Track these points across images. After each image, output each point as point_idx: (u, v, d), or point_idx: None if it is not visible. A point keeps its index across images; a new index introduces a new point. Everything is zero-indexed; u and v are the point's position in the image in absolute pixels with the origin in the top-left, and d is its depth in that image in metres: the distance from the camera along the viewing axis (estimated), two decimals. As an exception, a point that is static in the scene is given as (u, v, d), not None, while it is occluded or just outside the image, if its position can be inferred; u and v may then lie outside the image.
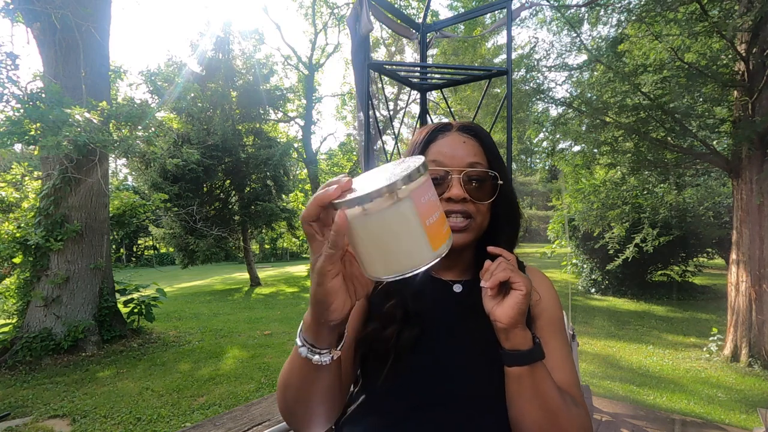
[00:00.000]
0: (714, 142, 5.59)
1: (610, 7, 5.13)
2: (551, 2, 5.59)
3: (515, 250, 0.75)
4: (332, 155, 24.50)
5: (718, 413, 3.49)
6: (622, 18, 5.18)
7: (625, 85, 4.76)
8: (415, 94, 2.74)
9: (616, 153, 5.78)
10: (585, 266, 9.56)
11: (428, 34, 2.68)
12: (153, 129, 6.18)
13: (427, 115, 2.74)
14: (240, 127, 12.27)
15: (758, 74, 4.23)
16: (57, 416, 3.55)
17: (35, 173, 6.13)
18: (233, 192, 12.56)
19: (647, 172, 6.60)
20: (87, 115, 4.72)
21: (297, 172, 19.23)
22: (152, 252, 25.58)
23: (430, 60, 5.35)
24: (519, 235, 0.78)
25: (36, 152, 5.26)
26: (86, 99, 5.00)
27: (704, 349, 5.09)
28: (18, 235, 5.07)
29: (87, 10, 5.09)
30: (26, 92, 4.80)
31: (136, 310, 6.25)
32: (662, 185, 7.63)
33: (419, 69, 2.61)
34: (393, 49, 15.26)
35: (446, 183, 0.68)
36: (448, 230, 0.46)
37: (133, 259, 24.16)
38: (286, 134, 17.39)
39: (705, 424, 2.84)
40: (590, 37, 6.16)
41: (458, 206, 0.67)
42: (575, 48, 5.47)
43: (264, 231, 13.83)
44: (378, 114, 2.52)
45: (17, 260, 5.14)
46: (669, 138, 5.21)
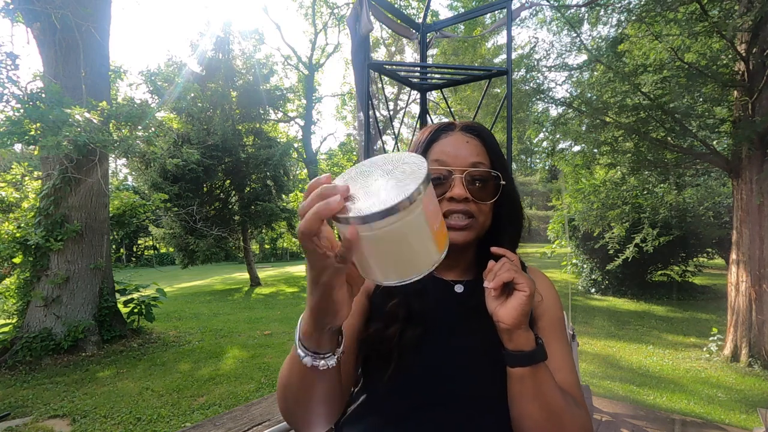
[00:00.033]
0: (714, 142, 5.59)
1: (610, 7, 5.13)
2: (551, 2, 5.59)
3: (517, 250, 0.75)
4: (332, 155, 24.54)
5: (718, 413, 3.49)
6: (622, 18, 5.18)
7: (625, 85, 4.76)
8: (415, 94, 2.74)
9: (616, 153, 5.78)
10: (585, 266, 9.56)
11: (428, 34, 2.68)
12: (153, 129, 6.19)
13: (427, 115, 2.74)
14: (240, 127, 12.27)
15: (758, 74, 4.23)
16: (57, 416, 3.55)
17: (35, 173, 6.13)
18: (233, 192, 12.56)
19: (647, 172, 6.60)
20: (87, 115, 4.72)
21: (297, 172, 19.25)
22: (152, 252, 25.59)
23: (430, 60, 5.35)
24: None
25: (36, 152, 5.26)
26: (86, 99, 5.00)
27: (704, 349, 5.09)
28: (18, 235, 5.07)
29: (87, 10, 5.09)
30: (26, 92, 4.80)
31: (136, 310, 6.25)
32: (662, 185, 7.63)
33: (419, 69, 2.61)
34: (393, 49, 15.27)
35: (448, 182, 0.68)
36: (446, 230, 0.47)
37: (133, 259, 24.17)
38: (286, 134, 17.42)
39: (705, 424, 2.84)
40: (590, 37, 6.17)
41: (460, 206, 0.67)
42: (575, 48, 5.47)
43: (264, 231, 13.83)
44: (378, 114, 2.52)
45: (17, 260, 5.14)
46: (669, 138, 5.21)
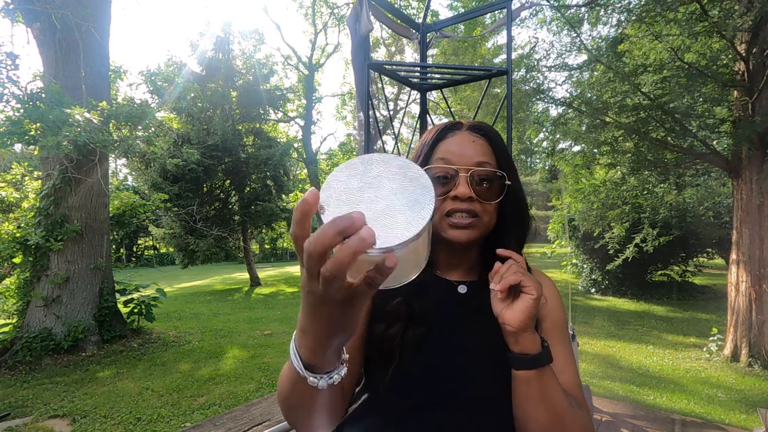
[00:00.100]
0: (714, 142, 5.59)
1: (610, 7, 5.13)
2: (551, 2, 5.59)
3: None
4: (332, 155, 24.52)
5: (718, 413, 3.49)
6: (622, 18, 5.18)
7: (625, 85, 4.76)
8: (415, 94, 2.74)
9: (616, 153, 5.78)
10: (585, 266, 9.56)
11: (428, 34, 2.68)
12: (153, 129, 6.19)
13: (427, 115, 2.74)
14: (240, 127, 12.27)
15: (758, 74, 4.23)
16: (57, 416, 3.55)
17: (35, 173, 6.13)
18: (233, 192, 12.56)
19: (647, 172, 6.60)
20: (87, 115, 4.72)
21: (297, 172, 19.25)
22: (152, 252, 25.60)
23: (430, 60, 5.35)
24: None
25: (36, 152, 5.26)
26: (86, 99, 5.00)
27: (704, 349, 5.09)
28: (18, 235, 5.07)
29: (87, 10, 5.09)
30: (26, 92, 4.80)
31: (136, 310, 6.25)
32: (662, 185, 7.63)
33: (419, 69, 2.61)
34: (393, 49, 15.27)
35: (453, 181, 0.67)
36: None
37: (133, 259, 24.17)
38: (286, 134, 17.40)
39: (705, 424, 2.84)
40: (590, 37, 6.17)
41: (464, 205, 0.67)
42: (575, 48, 5.47)
43: (264, 231, 13.83)
44: (378, 114, 2.52)
45: (17, 260, 5.14)
46: (669, 138, 5.21)
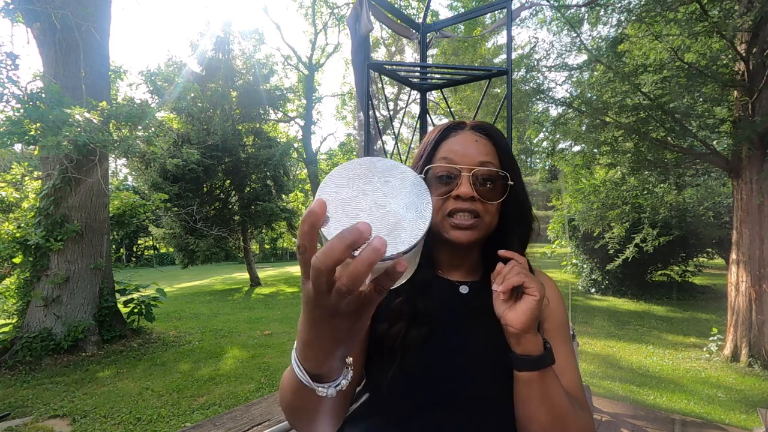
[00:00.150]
0: (714, 142, 5.59)
1: (610, 7, 5.13)
2: (551, 2, 5.60)
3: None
4: (332, 155, 24.51)
5: (718, 413, 3.49)
6: (622, 18, 5.18)
7: (625, 85, 4.76)
8: (415, 94, 2.74)
9: (616, 153, 5.78)
10: (585, 266, 9.56)
11: (428, 34, 2.68)
12: (153, 129, 6.19)
13: (427, 115, 2.74)
14: (240, 127, 12.27)
15: (758, 74, 4.23)
16: (57, 416, 3.55)
17: (35, 173, 6.13)
18: (233, 192, 12.56)
19: (647, 172, 6.60)
20: (87, 115, 4.72)
21: (297, 172, 19.25)
22: (152, 252, 25.60)
23: (430, 60, 5.35)
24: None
25: (36, 152, 5.26)
26: (86, 99, 5.00)
27: (704, 349, 5.09)
28: (18, 235, 5.07)
29: (87, 10, 5.09)
30: (26, 92, 4.80)
31: (136, 310, 6.24)
32: (662, 185, 7.63)
33: (419, 69, 2.61)
34: (393, 49, 15.27)
35: (455, 181, 0.67)
36: None
37: (133, 259, 24.17)
38: (286, 134, 17.40)
39: (705, 424, 2.84)
40: (590, 37, 6.17)
41: (466, 204, 0.66)
42: (575, 48, 5.47)
43: (264, 231, 13.83)
44: (378, 114, 2.51)
45: (17, 260, 5.14)
46: (669, 138, 5.21)
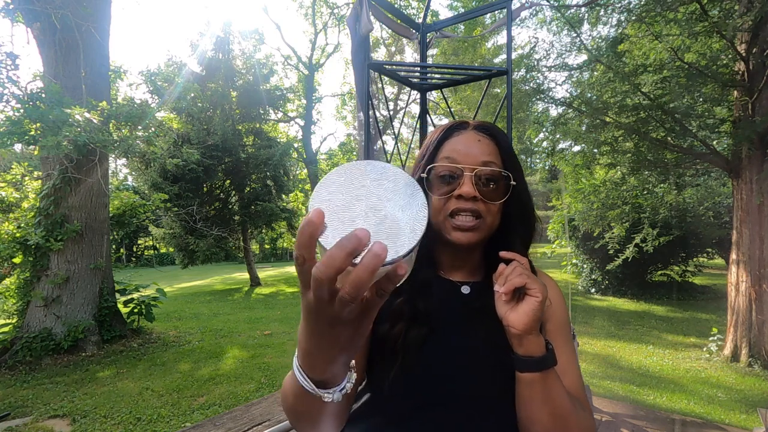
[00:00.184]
0: (714, 142, 5.59)
1: (610, 7, 5.13)
2: (551, 2, 5.59)
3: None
4: (332, 155, 24.51)
5: (718, 413, 3.49)
6: (622, 18, 5.18)
7: (625, 85, 4.76)
8: (415, 94, 2.74)
9: (616, 153, 5.78)
10: (585, 266, 9.56)
11: (428, 34, 2.68)
12: (153, 129, 6.18)
13: (427, 115, 2.74)
14: (240, 127, 12.27)
15: (758, 74, 4.23)
16: (57, 416, 3.55)
17: (35, 173, 6.13)
18: (233, 192, 12.56)
19: (647, 172, 6.60)
20: (87, 115, 4.72)
21: (297, 172, 19.25)
22: (152, 252, 25.59)
23: (430, 60, 5.35)
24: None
25: (36, 152, 5.26)
26: (86, 99, 5.00)
27: (704, 349, 5.09)
28: (18, 235, 5.07)
29: (87, 10, 5.09)
30: (26, 92, 4.79)
31: (136, 310, 6.24)
32: (662, 185, 7.63)
33: (419, 69, 2.61)
34: (393, 49, 15.26)
35: (458, 180, 0.67)
36: None
37: (133, 259, 24.17)
38: (286, 134, 17.40)
39: (705, 424, 2.84)
40: (590, 37, 6.17)
41: (468, 204, 0.66)
42: (575, 48, 5.47)
43: (264, 231, 13.83)
44: (378, 114, 2.52)
45: (17, 260, 5.14)
46: (669, 138, 5.21)
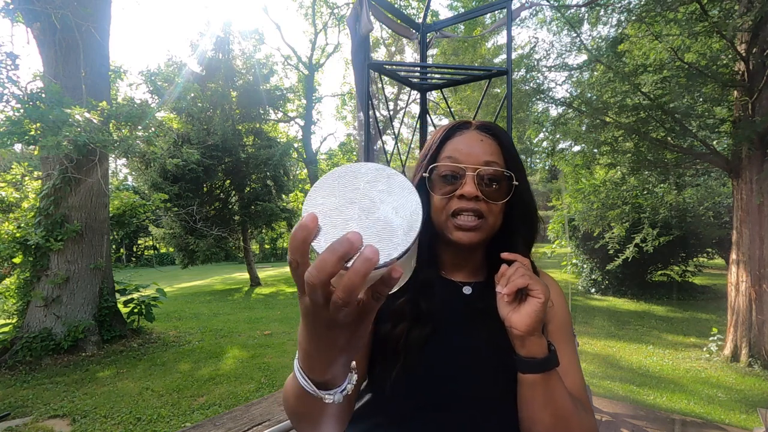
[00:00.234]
0: (714, 142, 5.59)
1: (610, 7, 5.13)
2: (551, 2, 5.59)
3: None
4: (332, 155, 24.51)
5: (718, 413, 3.49)
6: (622, 18, 5.18)
7: (625, 85, 4.76)
8: (415, 94, 2.74)
9: (616, 153, 5.78)
10: (585, 266, 9.55)
11: (428, 34, 2.68)
12: (153, 129, 6.18)
13: (427, 115, 2.74)
14: (240, 127, 12.27)
15: (758, 74, 4.23)
16: (57, 416, 3.55)
17: (35, 173, 6.13)
18: (233, 192, 12.56)
19: (647, 172, 6.60)
20: (87, 115, 4.72)
21: (297, 172, 19.24)
22: (152, 252, 25.57)
23: (430, 60, 5.35)
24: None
25: (36, 152, 5.26)
26: (86, 99, 5.00)
27: (704, 349, 5.09)
28: (18, 235, 5.07)
29: (87, 10, 5.09)
30: (26, 92, 4.80)
31: (136, 310, 6.24)
32: (662, 185, 7.63)
33: (419, 69, 2.61)
34: (393, 49, 15.26)
35: (460, 180, 0.67)
36: None
37: (133, 259, 24.16)
38: (286, 134, 17.41)
39: (705, 424, 2.84)
40: (590, 37, 6.17)
41: (470, 204, 0.66)
42: (575, 48, 5.47)
43: (264, 231, 13.83)
44: (378, 114, 2.52)
45: (17, 260, 5.14)
46: (669, 138, 5.21)
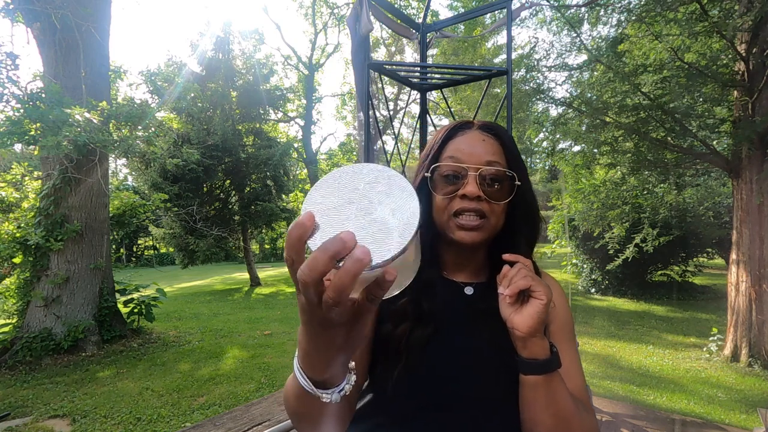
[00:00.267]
0: (714, 142, 5.59)
1: (610, 7, 5.13)
2: (551, 2, 5.59)
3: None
4: (332, 155, 24.50)
5: (718, 413, 3.49)
6: (622, 18, 5.17)
7: (625, 85, 4.76)
8: (415, 94, 2.74)
9: (616, 153, 5.78)
10: (585, 266, 9.55)
11: (428, 34, 2.68)
12: (153, 129, 6.18)
13: (427, 115, 2.74)
14: (240, 127, 12.27)
15: (758, 74, 4.23)
16: (57, 416, 3.55)
17: (35, 173, 6.13)
18: (233, 192, 12.56)
19: (647, 172, 6.60)
20: (87, 115, 4.72)
21: (297, 172, 19.24)
22: (152, 252, 25.57)
23: (430, 60, 5.35)
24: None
25: (36, 152, 5.26)
26: (86, 99, 5.00)
27: (704, 349, 5.09)
28: (18, 235, 5.07)
29: (87, 10, 5.09)
30: (26, 92, 4.80)
31: (136, 310, 6.24)
32: (662, 185, 7.63)
33: (419, 69, 2.61)
34: (393, 49, 15.26)
35: (462, 180, 0.66)
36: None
37: (133, 259, 24.16)
38: (286, 134, 17.40)
39: (705, 424, 2.84)
40: (590, 37, 6.16)
41: (472, 204, 0.65)
42: (575, 48, 5.46)
43: (264, 231, 13.83)
44: (378, 114, 2.52)
45: (17, 260, 5.14)
46: (669, 138, 5.21)
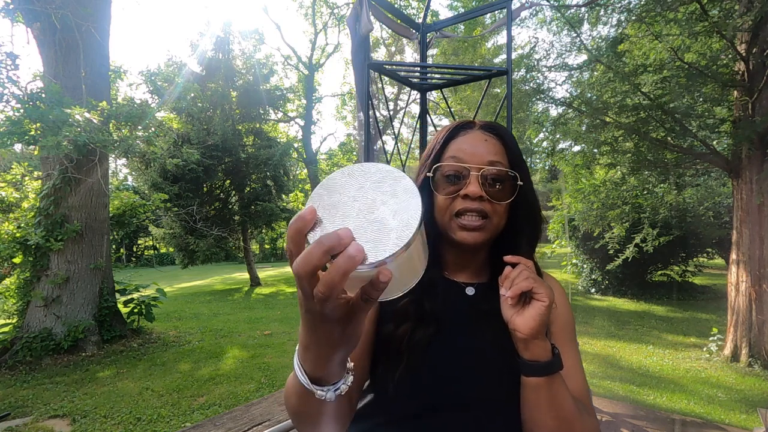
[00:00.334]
0: (714, 142, 5.59)
1: (610, 7, 5.13)
2: (551, 2, 5.59)
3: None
4: (332, 155, 24.51)
5: (718, 413, 3.49)
6: (622, 18, 5.17)
7: (625, 85, 4.76)
8: (415, 94, 2.74)
9: (616, 153, 5.78)
10: (585, 266, 9.55)
11: (428, 34, 2.68)
12: (153, 129, 6.19)
13: (427, 115, 2.74)
14: (240, 127, 12.27)
15: (758, 74, 4.23)
16: (57, 416, 3.55)
17: (35, 173, 6.13)
18: (233, 192, 12.56)
19: (647, 172, 6.60)
20: (87, 115, 4.72)
21: (297, 172, 19.24)
22: (152, 252, 25.58)
23: (430, 60, 5.35)
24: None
25: (36, 152, 5.26)
26: (86, 99, 5.00)
27: (704, 349, 5.09)
28: (18, 235, 5.07)
29: (87, 10, 5.09)
30: (26, 92, 4.80)
31: (136, 310, 6.24)
32: (662, 185, 7.63)
33: (419, 69, 2.61)
34: (393, 49, 15.26)
35: (464, 180, 0.66)
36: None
37: (133, 259, 24.16)
38: (286, 134, 17.41)
39: (705, 424, 2.84)
40: (590, 37, 6.16)
41: (474, 204, 0.65)
42: (575, 48, 5.46)
43: (264, 231, 13.83)
44: (378, 114, 2.52)
45: (17, 260, 5.14)
46: (669, 138, 5.21)
